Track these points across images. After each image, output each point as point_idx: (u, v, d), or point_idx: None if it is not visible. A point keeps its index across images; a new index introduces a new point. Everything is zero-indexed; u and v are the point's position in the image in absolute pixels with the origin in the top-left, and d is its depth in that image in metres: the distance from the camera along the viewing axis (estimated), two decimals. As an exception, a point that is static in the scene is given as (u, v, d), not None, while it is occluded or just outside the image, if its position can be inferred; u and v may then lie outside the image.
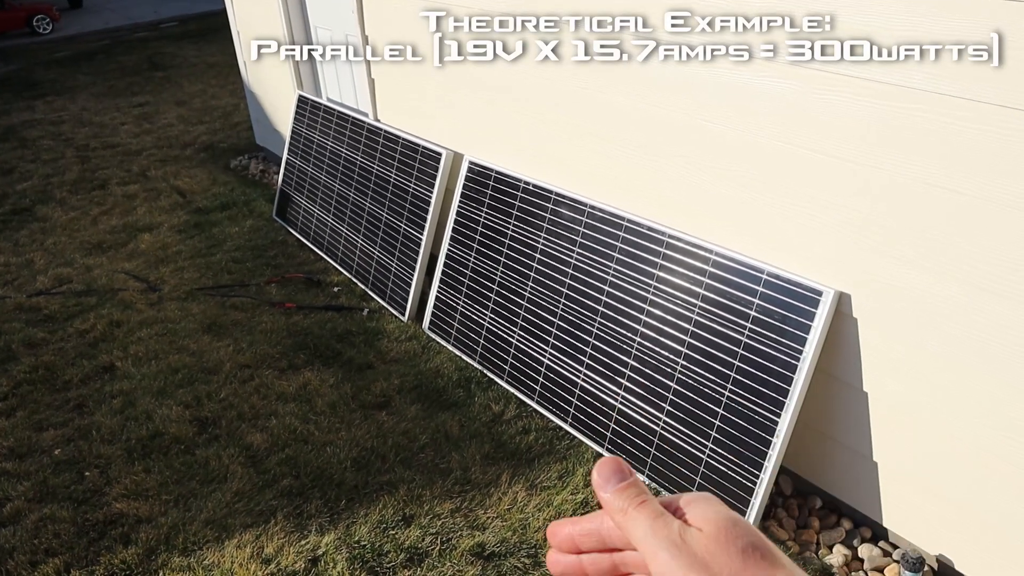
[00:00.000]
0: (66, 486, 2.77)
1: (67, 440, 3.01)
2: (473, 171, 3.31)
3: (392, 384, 3.22)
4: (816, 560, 2.35)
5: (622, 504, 0.44)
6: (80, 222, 5.14)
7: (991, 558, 2.10)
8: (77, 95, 8.46)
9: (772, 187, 2.24)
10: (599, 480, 0.45)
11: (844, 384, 2.27)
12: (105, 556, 2.46)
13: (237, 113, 7.31)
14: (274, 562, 2.41)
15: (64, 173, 6.04)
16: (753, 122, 2.21)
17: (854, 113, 1.96)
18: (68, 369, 3.48)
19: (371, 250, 3.94)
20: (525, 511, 2.53)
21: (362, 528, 2.51)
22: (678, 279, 2.49)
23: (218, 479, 2.76)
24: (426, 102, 3.69)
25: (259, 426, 3.02)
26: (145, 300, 4.06)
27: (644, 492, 0.45)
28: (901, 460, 2.23)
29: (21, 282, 4.36)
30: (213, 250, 4.61)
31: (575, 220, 2.85)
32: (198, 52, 10.28)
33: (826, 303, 2.13)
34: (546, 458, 2.76)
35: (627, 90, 2.57)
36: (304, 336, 3.62)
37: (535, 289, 3.00)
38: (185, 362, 3.46)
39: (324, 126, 4.37)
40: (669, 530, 0.42)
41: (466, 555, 2.38)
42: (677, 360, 2.49)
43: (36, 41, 12.35)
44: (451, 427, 2.94)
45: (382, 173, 3.86)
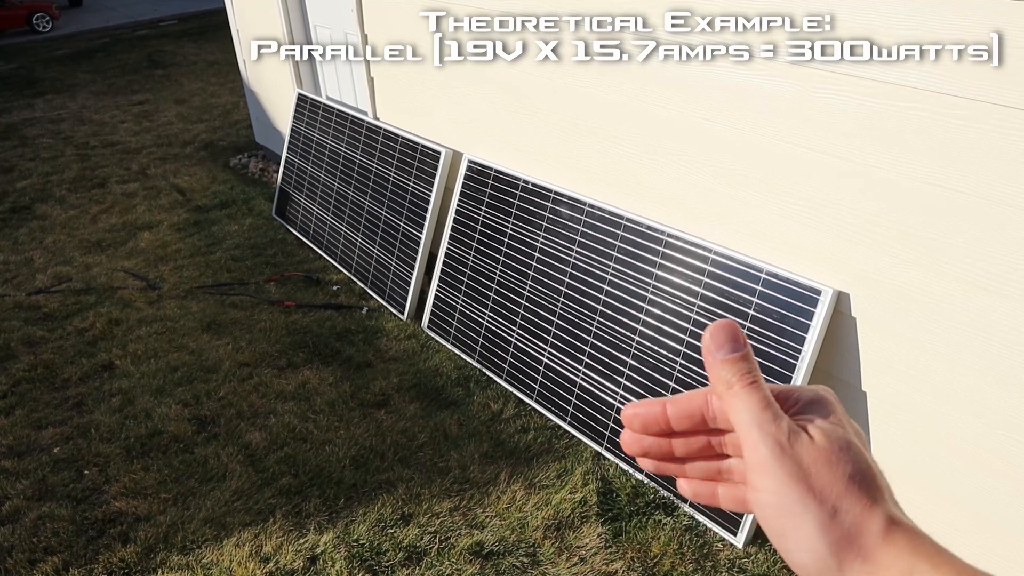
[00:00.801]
0: (65, 484, 2.77)
1: (66, 438, 3.01)
2: (472, 170, 3.31)
3: (391, 383, 3.22)
4: (814, 559, 2.35)
5: (729, 377, 0.41)
6: (79, 220, 5.14)
7: (989, 557, 2.10)
8: (77, 93, 8.46)
9: (771, 186, 2.24)
10: (710, 344, 0.42)
11: (843, 383, 2.27)
12: (104, 554, 2.46)
13: (237, 111, 7.31)
14: (273, 561, 2.41)
15: (64, 171, 6.03)
16: (753, 121, 2.21)
17: (854, 112, 1.95)
18: (67, 367, 3.48)
19: (370, 249, 3.94)
20: (524, 510, 2.53)
21: (361, 527, 2.51)
22: (677, 278, 2.49)
23: (217, 478, 2.76)
24: (425, 101, 3.68)
25: (258, 425, 3.02)
26: (144, 298, 4.06)
27: (756, 370, 0.42)
28: (898, 459, 2.23)
29: (20, 280, 4.36)
30: (212, 248, 4.61)
31: (574, 219, 2.85)
32: (198, 50, 10.28)
33: (825, 302, 2.13)
34: (545, 457, 2.76)
35: (627, 89, 2.57)
36: (303, 335, 3.62)
37: (534, 288, 3.00)
38: (184, 360, 3.46)
39: (323, 124, 4.36)
40: (777, 428, 0.40)
41: (464, 554, 2.38)
42: (676, 359, 2.49)
43: (36, 39, 12.35)
44: (450, 426, 2.94)
45: (381, 171, 3.86)
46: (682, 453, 0.46)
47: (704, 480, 0.47)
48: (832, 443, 0.39)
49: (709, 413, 0.44)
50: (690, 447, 0.46)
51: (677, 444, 0.46)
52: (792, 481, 0.38)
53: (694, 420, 0.45)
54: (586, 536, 2.42)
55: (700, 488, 0.47)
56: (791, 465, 0.39)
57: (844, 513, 0.38)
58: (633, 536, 2.41)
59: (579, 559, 2.35)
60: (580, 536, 2.42)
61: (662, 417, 0.45)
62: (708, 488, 0.47)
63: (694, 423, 0.45)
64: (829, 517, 0.38)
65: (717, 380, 0.42)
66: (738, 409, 0.41)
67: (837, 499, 0.38)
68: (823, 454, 0.39)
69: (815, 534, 0.38)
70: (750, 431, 0.40)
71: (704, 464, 0.46)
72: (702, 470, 0.47)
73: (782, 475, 0.39)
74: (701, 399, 0.45)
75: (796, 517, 0.38)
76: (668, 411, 0.45)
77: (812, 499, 0.38)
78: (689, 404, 0.45)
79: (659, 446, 0.46)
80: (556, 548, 2.39)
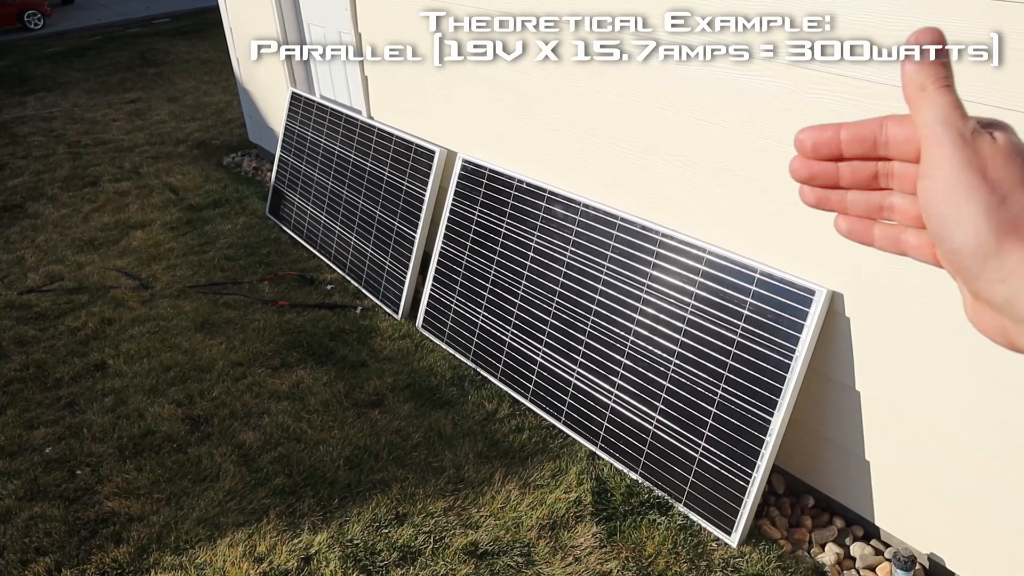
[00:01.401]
0: (57, 484, 2.76)
1: (58, 438, 3.00)
2: (467, 169, 3.31)
3: (385, 382, 3.22)
4: (808, 559, 2.36)
5: (923, 80, 0.42)
6: (71, 219, 5.11)
7: (982, 556, 2.12)
8: (69, 91, 8.41)
9: (767, 186, 2.24)
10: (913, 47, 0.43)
11: (837, 383, 2.28)
12: (96, 555, 2.45)
13: (230, 110, 7.28)
14: (266, 561, 2.40)
15: (55, 170, 6.00)
16: (751, 122, 2.22)
17: (852, 112, 1.96)
18: (59, 367, 3.46)
19: (364, 248, 3.93)
20: (518, 510, 2.53)
21: (355, 527, 2.50)
22: (671, 278, 2.50)
23: (210, 478, 2.75)
24: (420, 100, 3.68)
25: (252, 424, 3.01)
26: (137, 298, 4.04)
27: (951, 76, 0.42)
28: (893, 459, 2.24)
29: (12, 279, 4.33)
30: (206, 247, 4.59)
31: (569, 218, 2.85)
32: (191, 48, 10.23)
33: (819, 302, 2.14)
34: (539, 457, 2.76)
35: (626, 90, 2.57)
36: (297, 334, 3.61)
37: (528, 287, 3.00)
38: (177, 360, 3.44)
39: (317, 123, 4.35)
40: (963, 124, 0.41)
41: (459, 554, 2.38)
42: (670, 359, 2.49)
43: (27, 37, 12.28)
44: (444, 426, 2.94)
45: (375, 171, 3.85)
46: (848, 181, 0.47)
47: (862, 218, 0.48)
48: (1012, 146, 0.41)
49: (881, 138, 0.45)
50: (856, 175, 0.47)
51: (844, 170, 0.47)
52: (968, 169, 0.40)
53: (865, 144, 0.46)
54: (580, 536, 2.42)
55: (856, 225, 0.49)
56: (970, 154, 0.40)
57: (1012, 203, 0.40)
58: (627, 536, 2.41)
59: (573, 559, 2.35)
60: (574, 536, 2.42)
61: (834, 140, 0.46)
62: (864, 226, 0.48)
63: (865, 148, 0.46)
64: (998, 202, 0.40)
65: (910, 83, 0.43)
66: (928, 108, 0.42)
67: (1008, 190, 0.40)
68: (1002, 151, 0.40)
69: (981, 216, 0.40)
70: (934, 127, 0.42)
71: (866, 198, 0.48)
72: (863, 206, 0.48)
73: (959, 163, 0.40)
74: (875, 123, 0.46)
75: (965, 201, 0.40)
76: (841, 134, 0.46)
77: (984, 186, 0.40)
78: (863, 128, 0.46)
79: (826, 171, 0.47)
80: (550, 548, 2.39)
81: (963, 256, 0.41)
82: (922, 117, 0.42)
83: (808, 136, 0.47)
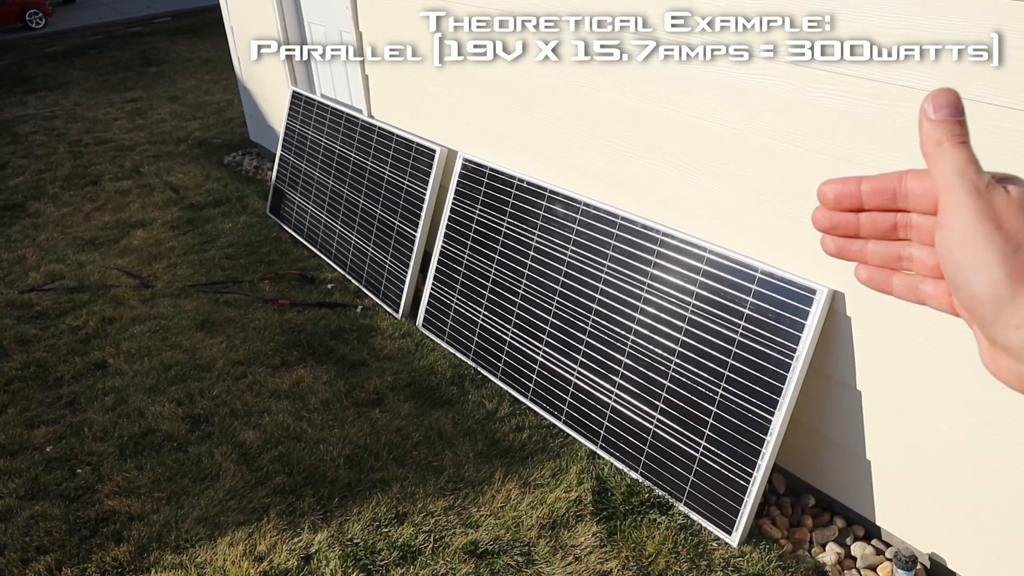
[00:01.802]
0: (58, 483, 2.76)
1: (59, 437, 3.00)
2: (467, 168, 3.31)
3: (385, 381, 3.22)
4: (809, 558, 2.35)
5: (940, 137, 0.44)
6: (72, 218, 5.11)
7: (983, 555, 2.11)
8: (70, 90, 8.42)
9: (768, 185, 2.24)
10: (928, 106, 0.44)
11: (837, 382, 2.28)
12: (97, 554, 2.45)
13: (231, 109, 7.28)
14: (267, 560, 2.40)
15: (56, 169, 6.00)
16: (751, 121, 2.21)
17: (853, 112, 1.96)
18: (60, 366, 3.46)
19: (365, 247, 3.93)
20: (518, 509, 2.53)
21: (355, 526, 2.50)
22: (672, 277, 2.50)
23: (210, 477, 2.75)
24: (420, 100, 3.68)
25: (252, 423, 3.01)
26: (138, 297, 4.04)
27: (966, 134, 0.44)
28: (894, 458, 2.24)
29: (13, 278, 4.33)
30: (206, 246, 4.59)
31: (569, 217, 2.85)
32: (191, 47, 10.24)
33: (820, 301, 2.14)
34: (539, 456, 2.76)
35: (626, 90, 2.57)
36: (297, 333, 3.61)
37: (529, 287, 3.00)
38: (178, 359, 3.44)
39: (318, 122, 4.35)
40: (978, 177, 0.43)
41: (459, 553, 2.38)
42: (671, 358, 2.49)
43: (29, 36, 12.28)
44: (444, 425, 2.94)
45: (376, 170, 3.85)
46: (868, 231, 0.49)
47: (882, 267, 0.50)
48: None
49: (901, 190, 0.47)
50: (876, 226, 0.49)
51: (864, 221, 0.49)
52: (983, 219, 0.42)
53: (885, 196, 0.48)
54: (581, 535, 2.42)
55: (876, 274, 0.50)
56: (984, 206, 0.42)
57: None
58: (628, 535, 2.41)
59: (574, 558, 2.35)
60: (575, 535, 2.42)
61: (855, 192, 0.48)
62: (884, 275, 0.50)
63: (884, 200, 0.48)
64: (1013, 251, 0.41)
65: (927, 140, 0.44)
66: (944, 162, 0.44)
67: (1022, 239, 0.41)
68: (1015, 203, 0.42)
69: (996, 263, 0.41)
70: (950, 179, 0.43)
71: (885, 248, 0.49)
72: (883, 256, 0.50)
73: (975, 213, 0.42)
74: (895, 177, 0.47)
75: (981, 249, 0.42)
76: (862, 187, 0.48)
77: (999, 235, 0.42)
78: (883, 181, 0.48)
79: (847, 221, 0.49)
80: (551, 547, 2.39)
81: (979, 303, 0.42)
82: (939, 171, 0.44)
83: (830, 188, 0.49)
